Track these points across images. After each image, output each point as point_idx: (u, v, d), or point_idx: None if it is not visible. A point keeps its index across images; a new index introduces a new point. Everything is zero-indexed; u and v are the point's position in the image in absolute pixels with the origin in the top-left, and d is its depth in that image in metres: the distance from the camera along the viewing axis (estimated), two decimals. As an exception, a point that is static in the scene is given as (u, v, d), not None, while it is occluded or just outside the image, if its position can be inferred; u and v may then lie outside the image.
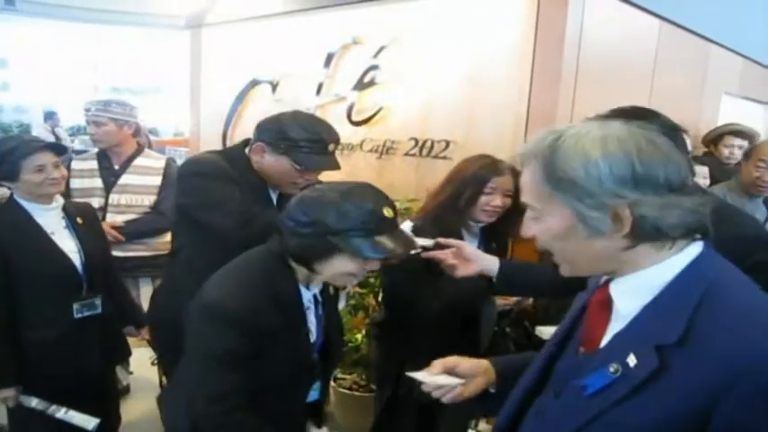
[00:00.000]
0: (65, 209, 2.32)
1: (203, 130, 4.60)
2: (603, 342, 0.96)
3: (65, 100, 11.75)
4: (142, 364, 3.47)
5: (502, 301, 2.24)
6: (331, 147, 2.10)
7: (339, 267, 1.45)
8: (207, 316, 1.45)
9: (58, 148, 2.31)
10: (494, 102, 2.94)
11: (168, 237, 3.13)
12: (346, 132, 3.54)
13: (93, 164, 3.14)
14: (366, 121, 3.46)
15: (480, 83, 2.98)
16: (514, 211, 2.08)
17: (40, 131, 9.55)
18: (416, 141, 3.24)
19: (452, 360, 1.28)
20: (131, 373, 3.52)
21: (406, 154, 3.29)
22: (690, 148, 1.91)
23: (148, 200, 3.10)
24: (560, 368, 1.06)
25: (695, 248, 0.92)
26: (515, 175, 2.10)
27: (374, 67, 3.37)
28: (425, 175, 3.19)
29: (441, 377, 1.27)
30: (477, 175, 2.11)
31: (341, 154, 3.50)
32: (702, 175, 3.25)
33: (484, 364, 1.31)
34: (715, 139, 3.95)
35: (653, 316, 0.89)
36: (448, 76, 3.09)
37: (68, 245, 2.26)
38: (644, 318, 0.90)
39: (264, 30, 4.04)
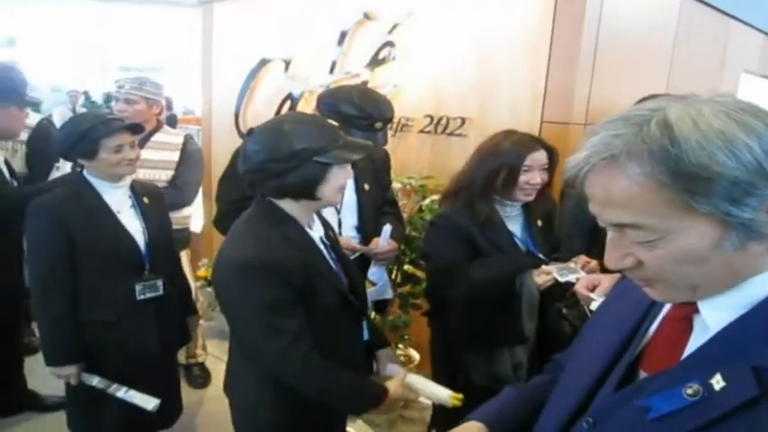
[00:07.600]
0: (132, 188, 2.28)
1: (215, 108, 4.56)
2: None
3: (72, 78, 11.71)
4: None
5: (545, 278, 1.94)
6: (378, 124, 2.21)
7: (334, 183, 1.56)
8: (243, 273, 1.48)
9: (134, 128, 2.24)
10: (510, 78, 2.89)
11: (186, 211, 3.16)
12: (360, 110, 3.51)
13: None
14: (380, 99, 3.41)
15: (496, 59, 2.93)
16: (547, 185, 2.11)
17: (61, 109, 9.46)
18: (431, 119, 3.20)
19: None
20: None
21: (421, 131, 3.25)
22: None
23: (165, 175, 3.07)
24: (603, 395, 0.86)
25: None
26: (546, 147, 2.06)
27: (389, 44, 3.31)
28: (440, 153, 3.17)
29: None
30: (512, 153, 1.99)
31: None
32: None
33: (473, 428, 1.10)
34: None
35: (752, 329, 0.70)
36: (462, 52, 3.04)
37: (133, 224, 2.21)
38: (737, 330, 0.71)
39: (276, 7, 3.97)
